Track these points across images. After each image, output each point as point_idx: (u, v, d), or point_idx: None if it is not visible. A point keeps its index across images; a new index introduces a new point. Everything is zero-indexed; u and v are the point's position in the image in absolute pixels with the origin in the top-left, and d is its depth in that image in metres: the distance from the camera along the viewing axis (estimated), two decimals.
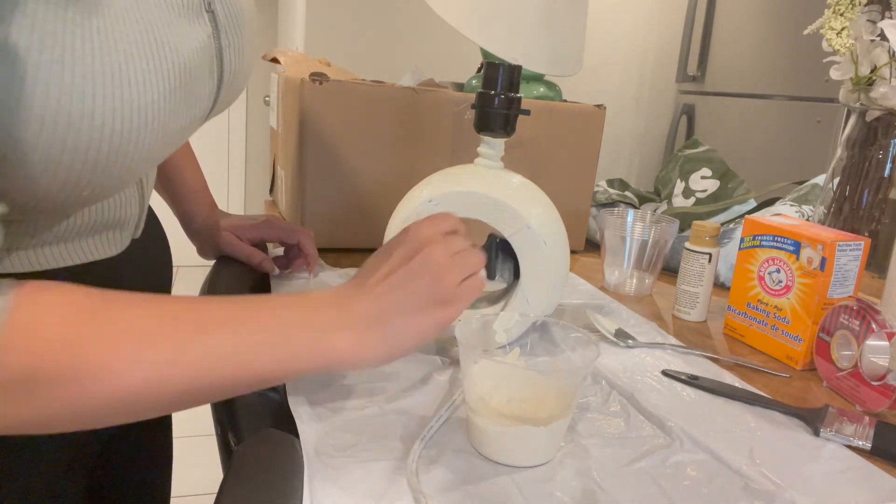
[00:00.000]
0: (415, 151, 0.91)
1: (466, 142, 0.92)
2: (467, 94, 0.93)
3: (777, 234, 0.67)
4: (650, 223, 0.87)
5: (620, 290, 0.86)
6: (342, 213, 0.90)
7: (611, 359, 0.64)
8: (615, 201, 1.11)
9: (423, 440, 0.46)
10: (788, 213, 0.95)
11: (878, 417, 0.55)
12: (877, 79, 0.82)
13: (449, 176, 0.65)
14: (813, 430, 0.53)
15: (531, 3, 0.69)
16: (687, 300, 0.78)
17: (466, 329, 0.50)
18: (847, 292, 0.64)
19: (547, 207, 0.64)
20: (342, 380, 0.54)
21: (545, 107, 0.96)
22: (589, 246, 1.09)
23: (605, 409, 0.54)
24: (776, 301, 0.68)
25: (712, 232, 0.75)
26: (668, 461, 0.47)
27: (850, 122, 0.88)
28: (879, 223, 0.87)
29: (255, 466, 0.41)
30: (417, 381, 0.55)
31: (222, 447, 0.53)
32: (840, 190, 0.89)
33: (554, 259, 0.61)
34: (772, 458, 0.49)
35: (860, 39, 0.81)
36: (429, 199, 0.62)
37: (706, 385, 0.59)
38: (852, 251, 0.63)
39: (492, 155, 0.64)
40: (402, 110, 0.89)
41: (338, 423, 0.48)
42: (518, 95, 0.63)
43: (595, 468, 0.45)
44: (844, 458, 0.50)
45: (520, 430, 0.45)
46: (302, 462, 0.43)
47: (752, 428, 0.53)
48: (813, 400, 0.60)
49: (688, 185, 1.10)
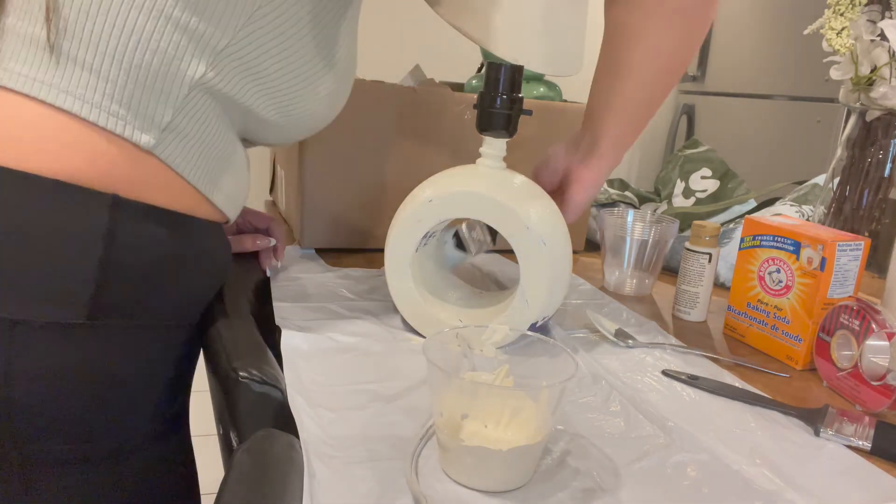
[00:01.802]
0: (415, 151, 0.91)
1: (469, 142, 0.92)
2: (467, 94, 0.93)
3: (777, 234, 0.67)
4: (650, 223, 0.87)
5: (620, 290, 0.86)
6: (342, 213, 0.90)
7: (611, 359, 0.64)
8: (615, 201, 1.11)
9: (423, 440, 0.46)
10: (788, 213, 0.95)
11: (878, 417, 0.55)
12: (877, 79, 0.82)
13: (450, 176, 0.65)
14: (813, 430, 0.53)
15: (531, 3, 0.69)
16: (687, 300, 0.78)
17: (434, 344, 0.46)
18: (847, 292, 0.64)
19: (548, 208, 0.64)
20: (342, 380, 0.54)
21: (545, 107, 0.96)
22: (589, 246, 1.09)
23: (605, 409, 0.54)
24: (776, 301, 0.68)
25: (712, 232, 0.75)
26: (668, 461, 0.47)
27: (850, 122, 0.88)
28: (879, 223, 0.87)
29: (255, 466, 0.41)
30: (417, 381, 0.55)
31: (224, 446, 0.53)
32: (840, 190, 0.89)
33: (554, 260, 0.61)
34: (772, 458, 0.49)
35: (860, 39, 0.81)
36: (429, 200, 0.62)
37: (706, 385, 0.59)
38: (852, 251, 0.63)
39: (494, 155, 0.64)
40: (402, 110, 0.89)
41: (338, 422, 0.48)
42: (520, 96, 0.63)
43: (595, 468, 0.45)
44: (844, 458, 0.50)
45: (478, 451, 0.41)
46: (302, 462, 0.43)
47: (752, 428, 0.53)
48: (813, 400, 0.60)
49: (688, 185, 1.10)
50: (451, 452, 0.43)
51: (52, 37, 0.47)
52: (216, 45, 0.51)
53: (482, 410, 0.43)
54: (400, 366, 0.58)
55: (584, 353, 0.65)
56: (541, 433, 0.42)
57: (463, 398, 0.44)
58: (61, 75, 0.48)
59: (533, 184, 0.66)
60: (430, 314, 0.65)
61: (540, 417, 0.43)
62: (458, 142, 0.92)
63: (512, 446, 0.41)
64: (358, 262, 0.87)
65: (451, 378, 0.43)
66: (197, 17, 0.49)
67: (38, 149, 0.47)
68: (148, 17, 0.48)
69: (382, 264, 0.67)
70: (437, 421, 0.43)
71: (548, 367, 0.47)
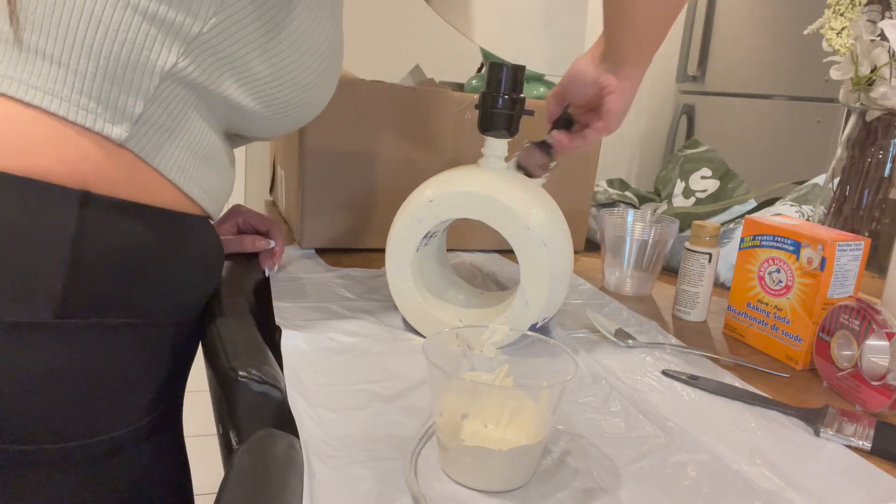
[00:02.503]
0: (415, 151, 0.91)
1: (468, 142, 0.92)
2: (467, 94, 0.93)
3: (777, 234, 0.67)
4: (650, 223, 0.87)
5: (620, 290, 0.86)
6: (342, 213, 0.90)
7: (611, 359, 0.64)
8: (615, 201, 1.11)
9: (423, 440, 0.46)
10: (788, 213, 0.95)
11: (878, 417, 0.55)
12: (877, 79, 0.82)
13: (451, 176, 0.65)
14: (813, 430, 0.53)
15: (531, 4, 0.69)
16: (687, 300, 0.78)
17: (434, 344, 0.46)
18: (847, 292, 0.64)
19: (549, 208, 0.64)
20: (342, 380, 0.54)
21: (544, 107, 0.96)
22: (589, 246, 1.09)
23: (605, 409, 0.54)
24: (776, 301, 0.68)
25: (712, 232, 0.75)
26: (668, 461, 0.47)
27: (850, 122, 0.88)
28: (879, 223, 0.87)
29: (255, 466, 0.41)
30: (417, 381, 0.55)
31: (224, 446, 0.53)
32: (840, 190, 0.89)
33: (554, 261, 0.61)
34: (772, 458, 0.49)
35: (860, 39, 0.81)
36: (429, 199, 0.62)
37: (706, 385, 0.59)
38: (852, 251, 0.63)
39: (495, 156, 0.64)
40: (402, 110, 0.89)
41: (338, 423, 0.48)
42: (522, 96, 0.63)
43: (595, 468, 0.45)
44: (844, 458, 0.50)
45: (478, 451, 0.41)
46: (302, 462, 0.43)
47: (752, 428, 0.53)
48: (813, 400, 0.60)
49: (688, 185, 1.10)
50: (450, 452, 0.43)
51: (13, 28, 0.46)
52: (187, 34, 0.50)
53: (482, 410, 0.43)
54: (400, 366, 0.58)
55: (584, 353, 0.65)
56: (541, 433, 0.42)
57: (463, 398, 0.44)
58: (30, 70, 0.47)
59: (534, 184, 0.66)
60: (431, 314, 0.65)
61: (540, 417, 0.42)
62: (457, 142, 0.92)
63: (512, 446, 0.41)
64: (358, 262, 0.87)
65: (451, 378, 0.43)
66: (166, 6, 0.48)
67: (6, 147, 0.46)
68: (115, 7, 0.47)
69: (382, 264, 0.67)
70: (437, 421, 0.43)
71: (548, 367, 0.47)
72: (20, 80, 0.47)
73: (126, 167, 0.50)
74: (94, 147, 0.48)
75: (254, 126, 0.59)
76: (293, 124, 0.62)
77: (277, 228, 0.79)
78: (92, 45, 0.47)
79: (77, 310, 0.49)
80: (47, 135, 0.47)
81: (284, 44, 0.55)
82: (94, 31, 0.47)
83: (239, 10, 0.51)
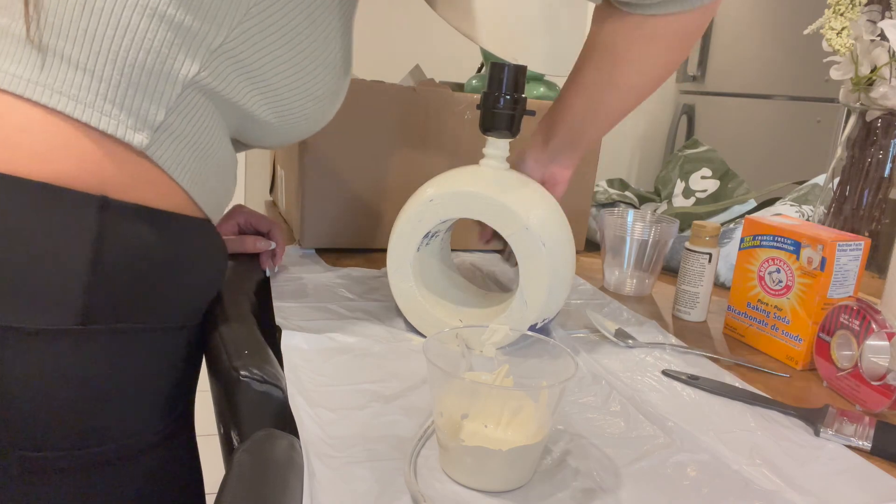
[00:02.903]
0: (415, 151, 0.91)
1: (469, 142, 0.92)
2: (468, 94, 0.93)
3: (777, 234, 0.67)
4: (650, 223, 0.87)
5: (620, 290, 0.86)
6: (342, 213, 0.90)
7: (611, 359, 0.64)
8: (615, 201, 1.11)
9: (423, 440, 0.46)
10: (788, 213, 0.95)
11: (878, 417, 0.55)
12: (877, 79, 0.82)
13: (452, 176, 0.65)
14: (813, 430, 0.53)
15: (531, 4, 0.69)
16: (687, 300, 0.78)
17: (434, 344, 0.46)
18: (847, 292, 0.64)
19: (549, 209, 0.64)
20: (342, 379, 0.54)
21: (545, 107, 0.96)
22: (589, 246, 1.09)
23: (605, 409, 0.54)
24: (776, 301, 0.68)
25: (712, 232, 0.75)
26: (668, 461, 0.47)
27: (850, 122, 0.88)
28: (879, 223, 0.87)
29: (255, 466, 0.41)
30: (417, 381, 0.55)
31: (224, 446, 0.53)
32: (840, 190, 0.89)
33: (554, 262, 0.61)
34: (772, 458, 0.49)
35: (860, 39, 0.81)
36: (430, 199, 0.62)
37: (706, 385, 0.59)
38: (852, 251, 0.63)
39: (497, 156, 0.64)
40: (402, 110, 0.89)
41: (338, 422, 0.48)
42: (523, 96, 0.63)
43: (595, 468, 0.45)
44: (844, 458, 0.50)
45: (478, 451, 0.41)
46: (302, 462, 0.43)
47: (752, 428, 0.53)
48: (813, 400, 0.60)
49: (688, 185, 1.10)
50: (450, 452, 0.43)
51: (33, 32, 0.47)
52: (210, 44, 0.50)
53: (482, 410, 0.43)
54: (400, 366, 0.58)
55: (584, 353, 0.65)
56: (541, 433, 0.42)
57: (463, 398, 0.44)
58: (55, 76, 0.47)
59: (535, 184, 0.66)
60: (431, 314, 0.65)
61: (540, 417, 0.42)
62: (457, 142, 0.92)
63: (512, 446, 0.41)
64: (358, 262, 0.87)
65: (451, 378, 0.43)
66: (191, 15, 0.49)
67: (28, 152, 0.46)
68: (142, 15, 0.47)
69: (383, 264, 0.67)
70: (437, 421, 0.43)
71: (548, 368, 0.47)
72: (44, 84, 0.47)
73: (141, 173, 0.51)
74: (113, 153, 0.49)
75: (262, 135, 0.60)
76: (298, 136, 0.63)
77: (279, 229, 0.79)
78: (118, 52, 0.48)
79: (99, 315, 0.49)
80: (69, 140, 0.47)
81: (302, 55, 0.55)
82: (121, 39, 0.48)
83: (261, 22, 0.52)
